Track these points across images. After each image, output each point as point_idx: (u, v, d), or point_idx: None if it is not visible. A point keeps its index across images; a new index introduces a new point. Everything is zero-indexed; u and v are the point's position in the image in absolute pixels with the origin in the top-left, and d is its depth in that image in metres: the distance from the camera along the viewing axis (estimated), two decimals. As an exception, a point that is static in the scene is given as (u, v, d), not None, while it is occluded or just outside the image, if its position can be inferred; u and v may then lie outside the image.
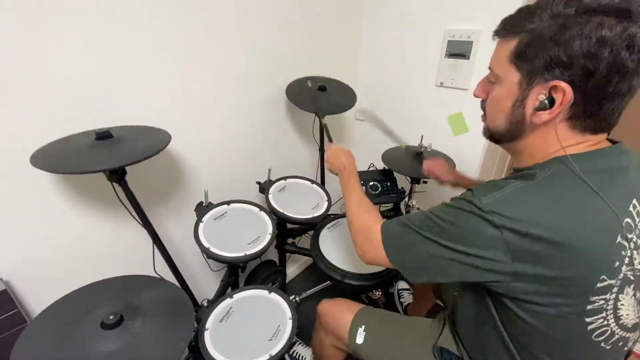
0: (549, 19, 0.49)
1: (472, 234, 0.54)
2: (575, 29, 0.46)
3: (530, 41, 0.51)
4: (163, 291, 0.80)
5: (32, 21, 0.72)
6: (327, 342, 1.00)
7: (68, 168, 0.68)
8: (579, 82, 0.48)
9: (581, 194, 0.50)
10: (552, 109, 0.51)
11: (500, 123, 0.59)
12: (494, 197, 0.52)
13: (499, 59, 0.56)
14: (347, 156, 0.94)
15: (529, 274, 0.51)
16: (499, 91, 0.58)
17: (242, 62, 1.17)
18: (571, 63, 0.47)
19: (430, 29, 1.41)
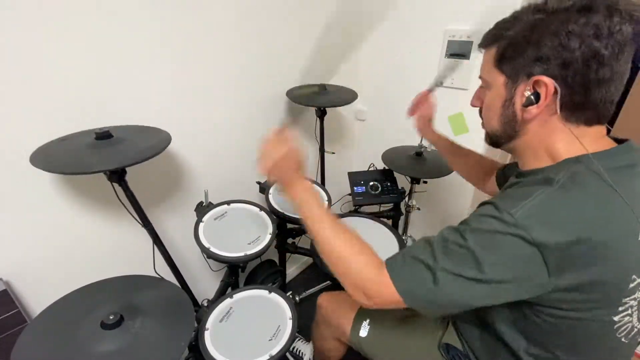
0: (521, 24, 0.55)
1: (510, 259, 0.51)
2: (543, 28, 0.51)
3: (508, 45, 0.56)
4: (163, 291, 0.80)
5: (32, 21, 0.72)
6: (327, 335, 1.00)
7: (68, 168, 0.68)
8: (559, 74, 0.51)
9: (605, 193, 0.51)
10: (539, 103, 0.54)
11: (495, 124, 0.62)
12: (525, 209, 0.50)
13: (486, 66, 0.61)
14: (296, 159, 0.70)
15: (568, 285, 0.51)
16: (490, 95, 0.62)
17: (242, 62, 1.17)
18: (547, 58, 0.51)
19: (430, 29, 1.41)
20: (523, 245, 0.49)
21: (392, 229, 1.25)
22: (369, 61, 1.68)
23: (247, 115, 1.27)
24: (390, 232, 1.23)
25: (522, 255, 0.50)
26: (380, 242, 1.19)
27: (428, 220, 1.77)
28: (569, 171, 0.53)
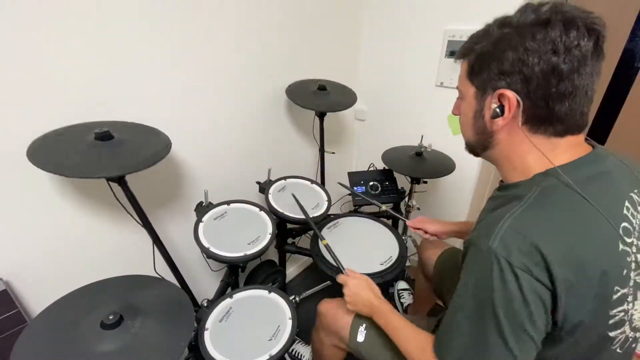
0: (488, 38, 0.56)
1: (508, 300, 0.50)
2: (505, 43, 0.53)
3: (476, 59, 0.58)
4: (163, 291, 0.80)
5: (33, 21, 0.72)
6: (327, 342, 1.00)
7: (70, 171, 0.68)
8: (521, 88, 0.53)
9: (576, 207, 0.51)
10: (504, 116, 0.56)
11: (470, 134, 0.65)
12: (496, 237, 0.51)
13: (461, 78, 0.64)
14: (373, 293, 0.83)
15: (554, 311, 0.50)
16: (464, 106, 0.64)
17: (242, 62, 1.17)
18: (510, 72, 0.53)
19: (430, 29, 1.41)
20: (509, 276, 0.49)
21: (392, 229, 1.25)
22: (369, 61, 1.68)
23: (247, 115, 1.27)
24: (390, 232, 1.23)
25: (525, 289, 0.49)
26: (380, 242, 1.19)
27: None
28: (539, 186, 0.54)
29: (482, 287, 0.52)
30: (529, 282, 0.48)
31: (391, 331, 0.77)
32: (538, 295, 0.49)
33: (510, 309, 0.50)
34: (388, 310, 0.79)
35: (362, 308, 0.84)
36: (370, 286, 0.85)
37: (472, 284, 0.55)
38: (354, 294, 0.84)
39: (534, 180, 0.56)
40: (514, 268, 0.49)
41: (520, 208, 0.52)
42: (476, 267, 0.54)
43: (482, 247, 0.52)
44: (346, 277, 0.88)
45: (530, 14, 0.52)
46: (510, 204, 0.55)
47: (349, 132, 1.87)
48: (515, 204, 0.54)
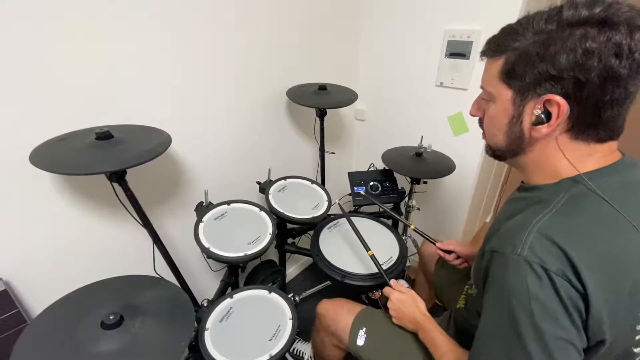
0: (532, 36, 0.50)
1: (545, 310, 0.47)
2: (559, 43, 0.47)
3: (517, 59, 0.52)
4: (163, 291, 0.80)
5: (33, 20, 0.72)
6: (328, 342, 1.00)
7: (69, 169, 0.68)
8: (572, 94, 0.48)
9: (606, 216, 0.49)
10: (550, 122, 0.51)
11: (500, 140, 0.60)
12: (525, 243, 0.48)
13: (489, 78, 0.57)
14: (418, 309, 0.82)
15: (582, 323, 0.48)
16: (495, 109, 0.58)
17: (242, 62, 1.17)
18: (561, 76, 0.48)
19: (430, 29, 1.41)
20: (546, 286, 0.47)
21: (392, 229, 1.25)
22: (369, 61, 1.68)
23: (247, 115, 1.27)
24: (390, 232, 1.23)
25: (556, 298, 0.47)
26: (380, 242, 1.19)
27: (428, 220, 1.77)
28: (567, 192, 0.52)
29: (517, 297, 0.49)
30: (566, 289, 0.46)
31: (433, 350, 0.75)
32: (574, 303, 0.47)
33: (551, 318, 0.47)
34: (432, 328, 0.77)
35: (406, 323, 0.83)
36: (415, 302, 0.83)
37: (504, 295, 0.51)
38: (399, 309, 0.83)
39: (561, 185, 0.54)
40: (550, 273, 0.46)
41: (548, 214, 0.50)
42: (507, 277, 0.50)
43: (511, 254, 0.49)
44: (391, 290, 0.86)
45: (583, 10, 0.46)
46: (532, 208, 0.53)
47: (349, 132, 1.87)
48: (540, 209, 0.51)
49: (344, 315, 0.94)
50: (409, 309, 0.82)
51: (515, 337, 0.49)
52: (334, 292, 1.05)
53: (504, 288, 0.51)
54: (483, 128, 0.64)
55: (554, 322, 0.47)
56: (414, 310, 0.81)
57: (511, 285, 0.49)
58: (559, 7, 0.49)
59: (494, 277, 0.54)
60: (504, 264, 0.51)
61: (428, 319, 0.80)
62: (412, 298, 0.84)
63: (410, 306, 0.82)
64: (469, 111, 0.67)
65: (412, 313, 0.81)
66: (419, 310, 0.81)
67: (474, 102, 0.65)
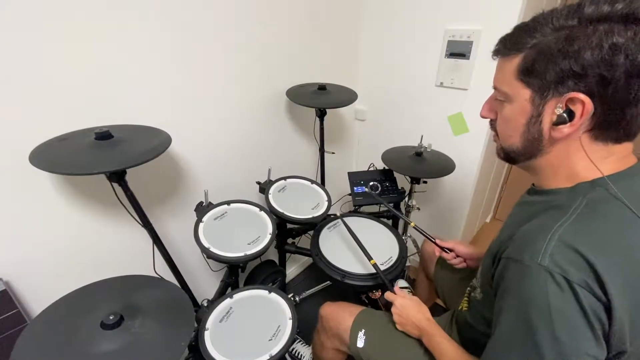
0: (552, 32, 0.48)
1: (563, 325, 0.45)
2: (583, 39, 0.45)
3: (537, 56, 0.50)
4: (163, 291, 0.80)
5: (32, 19, 0.72)
6: (328, 345, 1.00)
7: (68, 169, 0.68)
8: (597, 92, 0.47)
9: (628, 222, 0.48)
10: (573, 122, 0.49)
11: (516, 141, 0.57)
12: (546, 251, 0.46)
13: (504, 77, 0.55)
14: (421, 314, 0.80)
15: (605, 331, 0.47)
16: (511, 109, 0.56)
17: (242, 61, 1.17)
18: (585, 73, 0.46)
19: (430, 29, 1.41)
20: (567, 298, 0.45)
21: (392, 229, 1.25)
22: (369, 61, 1.68)
23: (247, 115, 1.27)
24: (390, 232, 1.23)
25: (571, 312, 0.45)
26: (380, 242, 1.19)
27: (428, 220, 1.77)
28: (586, 197, 0.50)
29: (536, 308, 0.47)
30: (588, 300, 0.44)
31: (438, 356, 0.73)
32: (597, 315, 0.45)
33: (572, 330, 0.45)
34: (437, 334, 0.75)
35: (410, 330, 0.82)
36: (419, 308, 0.81)
37: (522, 305, 0.48)
38: (403, 315, 0.82)
39: (579, 189, 0.52)
40: (573, 284, 0.44)
41: (568, 220, 0.48)
42: (525, 287, 0.48)
43: (529, 263, 0.47)
44: (395, 296, 0.85)
45: (605, 6, 0.45)
46: (548, 213, 0.52)
47: (349, 132, 1.87)
48: (559, 215, 0.50)
49: (345, 317, 0.94)
50: (414, 315, 0.80)
51: (533, 348, 0.47)
52: (334, 292, 1.05)
53: (522, 298, 0.49)
54: (496, 130, 0.62)
55: (575, 334, 0.45)
56: (419, 316, 0.80)
57: (530, 295, 0.47)
58: (578, 3, 0.47)
59: (509, 286, 0.51)
60: (522, 273, 0.49)
61: (433, 324, 0.78)
62: (416, 304, 0.83)
63: (415, 312, 0.81)
64: (480, 113, 0.64)
65: (416, 319, 0.80)
66: (424, 316, 0.80)
67: (485, 103, 0.63)
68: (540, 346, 0.46)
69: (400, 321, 0.83)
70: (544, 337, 0.46)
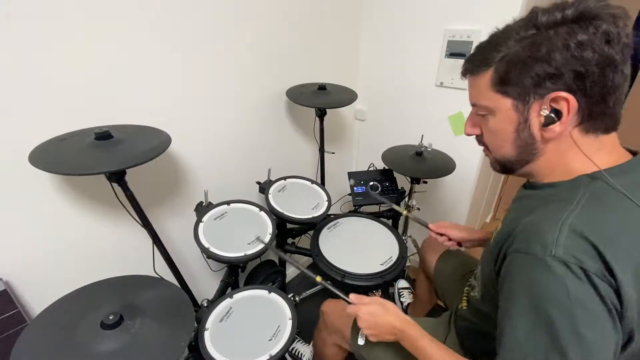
0: (516, 43, 0.51)
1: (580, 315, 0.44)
2: (548, 43, 0.48)
3: (509, 66, 0.52)
4: (163, 291, 0.80)
5: (33, 20, 0.72)
6: (329, 341, 1.00)
7: (68, 169, 0.68)
8: (577, 87, 0.49)
9: (630, 212, 0.49)
10: (563, 120, 0.51)
11: (509, 150, 0.58)
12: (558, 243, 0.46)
13: (480, 92, 0.57)
14: (392, 315, 0.70)
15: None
16: (496, 121, 0.57)
17: (242, 62, 1.17)
18: (560, 73, 0.49)
19: (430, 29, 1.41)
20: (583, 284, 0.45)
21: (392, 228, 1.25)
22: (369, 61, 1.68)
23: (247, 115, 1.27)
24: (390, 232, 1.23)
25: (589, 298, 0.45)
26: (380, 242, 1.19)
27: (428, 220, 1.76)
28: (587, 189, 0.51)
29: (555, 302, 0.45)
30: (605, 289, 0.44)
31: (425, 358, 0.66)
32: (614, 303, 0.45)
33: (594, 322, 0.44)
34: (417, 335, 0.67)
35: (386, 336, 0.71)
36: (385, 308, 0.71)
37: (537, 301, 0.47)
38: (371, 323, 0.70)
39: (579, 181, 0.53)
40: (589, 274, 0.44)
41: (575, 209, 0.48)
42: (539, 281, 0.47)
43: (542, 255, 0.46)
44: (355, 307, 0.73)
45: (556, 13, 0.48)
46: (551, 204, 0.52)
47: (349, 132, 1.87)
48: (563, 205, 0.50)
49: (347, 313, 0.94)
50: (383, 319, 0.69)
51: (553, 345, 0.45)
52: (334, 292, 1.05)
53: (536, 293, 0.47)
54: (485, 144, 0.63)
55: (597, 325, 0.45)
56: (387, 317, 0.69)
57: (546, 289, 0.46)
58: (529, 15, 0.51)
59: (519, 282, 0.50)
60: (534, 267, 0.48)
61: (410, 324, 0.69)
62: (380, 304, 0.71)
63: (380, 313, 0.70)
64: (465, 131, 0.65)
65: (387, 322, 0.69)
66: (395, 315, 0.69)
67: (467, 120, 0.64)
68: (562, 342, 0.45)
69: (372, 332, 0.71)
70: (565, 333, 0.45)
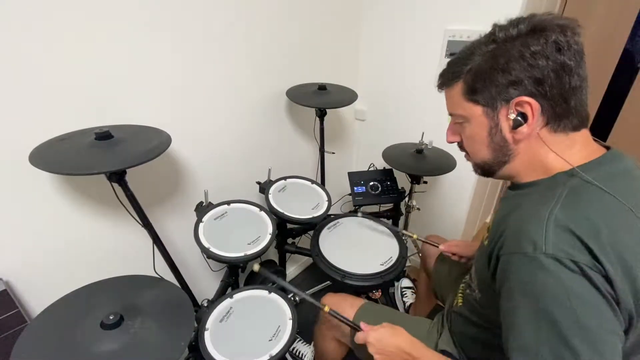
0: (479, 57, 0.57)
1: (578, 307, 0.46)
2: (506, 54, 0.54)
3: (475, 77, 0.58)
4: (163, 291, 0.80)
5: (33, 20, 0.72)
6: (329, 336, 1.01)
7: (68, 169, 0.68)
8: (537, 91, 0.53)
9: (608, 205, 0.51)
10: (529, 122, 0.55)
11: (486, 153, 0.63)
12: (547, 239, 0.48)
13: (454, 103, 0.63)
14: (400, 337, 0.72)
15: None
16: (471, 128, 0.63)
17: (242, 62, 1.17)
18: (520, 80, 0.54)
19: (430, 29, 1.41)
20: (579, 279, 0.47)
21: (392, 228, 1.25)
22: (369, 61, 1.68)
23: (247, 116, 1.27)
24: (391, 232, 1.23)
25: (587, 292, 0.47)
26: (380, 242, 1.19)
27: (428, 220, 1.77)
28: (566, 185, 0.53)
29: (554, 298, 0.47)
30: (598, 279, 0.46)
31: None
32: (608, 291, 0.46)
33: (595, 312, 0.46)
34: (426, 354, 0.69)
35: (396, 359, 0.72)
36: (393, 331, 0.73)
37: (538, 299, 0.48)
38: (378, 348, 0.72)
39: (558, 179, 0.56)
40: (582, 266, 0.46)
41: (556, 205, 0.51)
42: (537, 279, 0.48)
43: (534, 254, 0.48)
44: (364, 334, 0.74)
45: (511, 29, 0.54)
46: (533, 201, 0.54)
47: (349, 132, 1.87)
48: (544, 201, 0.52)
49: (347, 308, 0.94)
50: (391, 342, 0.71)
51: (560, 341, 0.46)
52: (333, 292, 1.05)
53: (536, 293, 0.48)
54: (465, 150, 0.68)
55: (598, 316, 0.46)
56: (396, 341, 0.71)
57: (544, 287, 0.48)
58: (490, 32, 0.58)
59: (517, 283, 0.51)
60: (528, 266, 0.49)
61: (418, 345, 0.71)
62: (388, 328, 0.74)
63: (390, 338, 0.72)
64: (446, 140, 0.71)
65: (395, 345, 0.71)
66: (402, 337, 0.72)
67: (448, 129, 0.70)
68: (567, 336, 0.46)
69: (382, 358, 0.72)
70: (569, 327, 0.46)
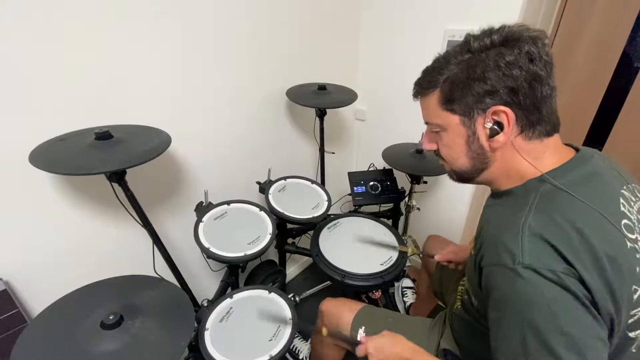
0: (455, 66, 0.58)
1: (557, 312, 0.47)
2: (481, 65, 0.55)
3: (452, 87, 0.58)
4: (163, 291, 0.80)
5: (33, 20, 0.72)
6: (327, 341, 1.00)
7: (69, 169, 0.68)
8: (512, 100, 0.55)
9: (578, 209, 0.52)
10: (505, 130, 0.56)
11: (464, 161, 0.63)
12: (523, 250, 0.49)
13: (430, 112, 0.63)
14: (400, 345, 0.72)
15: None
16: (448, 136, 0.63)
17: (242, 62, 1.17)
18: (496, 89, 0.54)
19: (430, 29, 1.41)
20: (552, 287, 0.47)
21: (392, 228, 1.25)
22: (369, 61, 1.68)
23: (247, 116, 1.27)
24: (390, 232, 1.23)
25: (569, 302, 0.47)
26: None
27: (428, 220, 1.77)
28: (537, 192, 0.55)
29: (536, 308, 0.48)
30: (576, 285, 0.47)
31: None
32: (587, 297, 0.47)
33: (576, 319, 0.47)
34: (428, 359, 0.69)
35: None
36: (393, 339, 0.73)
37: (520, 310, 0.49)
38: (378, 358, 0.72)
39: (529, 186, 0.58)
40: (559, 274, 0.47)
41: (529, 213, 0.52)
42: (518, 290, 0.49)
43: (513, 266, 0.49)
44: (363, 346, 0.75)
45: (485, 39, 0.55)
46: (508, 213, 0.56)
47: (349, 132, 1.87)
48: (518, 210, 0.54)
49: (346, 313, 0.94)
50: (390, 350, 0.71)
51: (547, 350, 0.47)
52: (334, 292, 1.05)
53: (519, 304, 0.49)
54: (442, 157, 0.68)
55: (579, 322, 0.47)
56: (396, 349, 0.71)
57: (525, 298, 0.48)
58: (464, 41, 0.58)
59: (500, 294, 0.52)
60: (511, 278, 0.50)
61: (418, 352, 0.71)
62: (388, 337, 0.74)
63: (390, 346, 0.72)
64: (423, 147, 0.71)
65: (395, 354, 0.71)
66: (402, 345, 0.72)
67: (424, 137, 0.70)
68: (552, 345, 0.47)
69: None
70: (553, 336, 0.47)
